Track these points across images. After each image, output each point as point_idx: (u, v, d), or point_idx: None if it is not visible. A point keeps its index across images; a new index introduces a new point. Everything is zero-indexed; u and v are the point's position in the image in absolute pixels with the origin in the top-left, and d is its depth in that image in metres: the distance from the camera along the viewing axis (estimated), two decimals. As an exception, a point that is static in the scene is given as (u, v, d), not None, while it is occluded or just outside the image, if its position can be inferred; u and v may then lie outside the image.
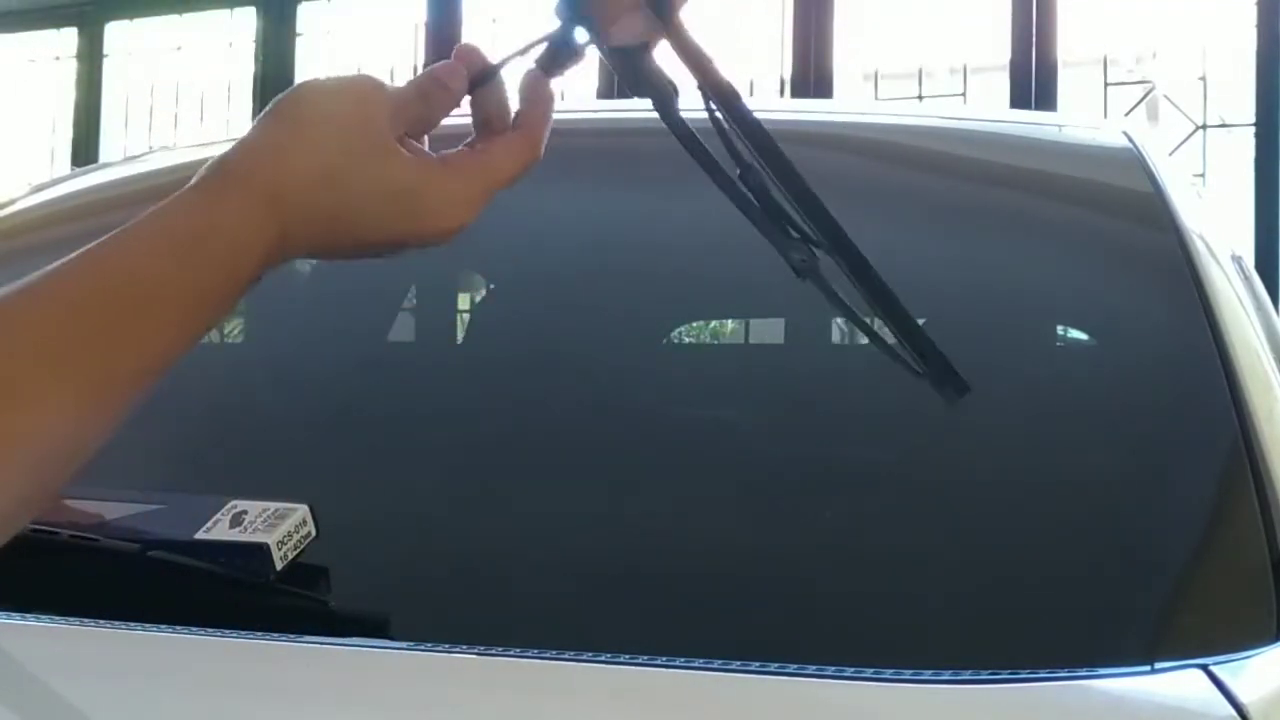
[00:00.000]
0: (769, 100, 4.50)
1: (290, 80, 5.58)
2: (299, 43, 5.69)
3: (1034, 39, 4.53)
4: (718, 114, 0.75)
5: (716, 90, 0.75)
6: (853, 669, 0.84)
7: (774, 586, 1.00)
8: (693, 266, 1.35)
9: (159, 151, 2.30)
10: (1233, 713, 0.78)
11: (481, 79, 0.76)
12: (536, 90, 0.77)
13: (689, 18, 0.76)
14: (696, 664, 0.84)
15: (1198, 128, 4.49)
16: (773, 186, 0.76)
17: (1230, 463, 1.04)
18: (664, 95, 0.76)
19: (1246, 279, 1.42)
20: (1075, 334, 1.48)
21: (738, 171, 0.76)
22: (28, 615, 0.89)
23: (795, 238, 0.76)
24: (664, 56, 0.78)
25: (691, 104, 0.79)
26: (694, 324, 2.21)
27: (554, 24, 0.78)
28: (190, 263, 0.67)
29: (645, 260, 1.38)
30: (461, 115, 0.79)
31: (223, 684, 0.86)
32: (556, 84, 0.79)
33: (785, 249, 0.76)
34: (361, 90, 0.72)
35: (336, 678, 0.87)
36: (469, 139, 0.77)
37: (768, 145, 0.75)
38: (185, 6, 5.90)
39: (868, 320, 0.79)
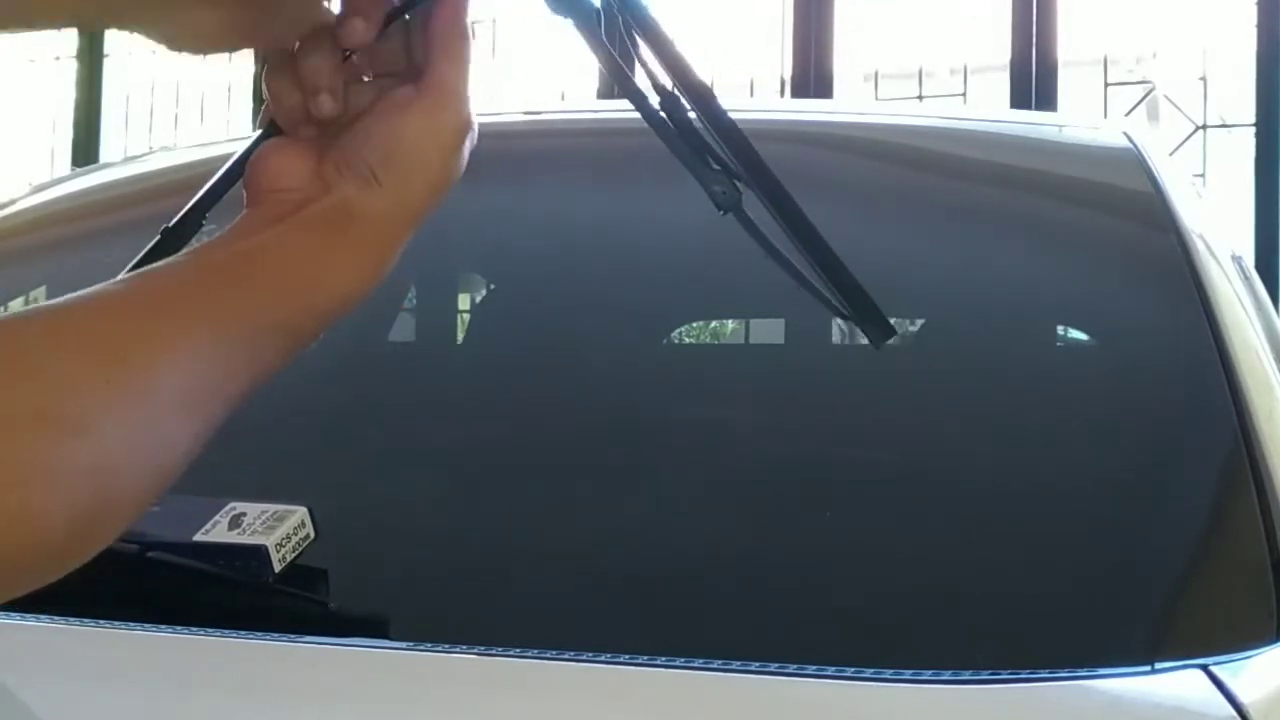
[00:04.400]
0: (769, 101, 4.50)
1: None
2: (299, 43, 5.68)
3: (1034, 39, 4.53)
4: (637, 35, 0.73)
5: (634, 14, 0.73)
6: (853, 669, 0.84)
7: (774, 586, 1.00)
8: (693, 267, 1.35)
9: (159, 151, 2.30)
10: (1233, 713, 0.78)
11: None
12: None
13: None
14: (696, 664, 0.84)
15: (1198, 128, 4.49)
16: (694, 116, 0.74)
17: (1230, 463, 1.04)
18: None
19: (1246, 279, 1.42)
20: (1075, 334, 1.48)
21: (659, 100, 0.74)
22: (27, 615, 0.89)
23: (716, 169, 0.74)
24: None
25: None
26: (694, 324, 2.21)
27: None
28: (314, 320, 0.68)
29: (645, 260, 1.38)
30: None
31: (222, 684, 0.86)
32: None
33: (707, 181, 0.74)
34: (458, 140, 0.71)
35: (336, 678, 0.87)
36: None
37: (688, 73, 0.73)
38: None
39: (794, 260, 0.75)
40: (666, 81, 0.73)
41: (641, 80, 0.74)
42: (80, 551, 0.62)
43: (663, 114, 0.73)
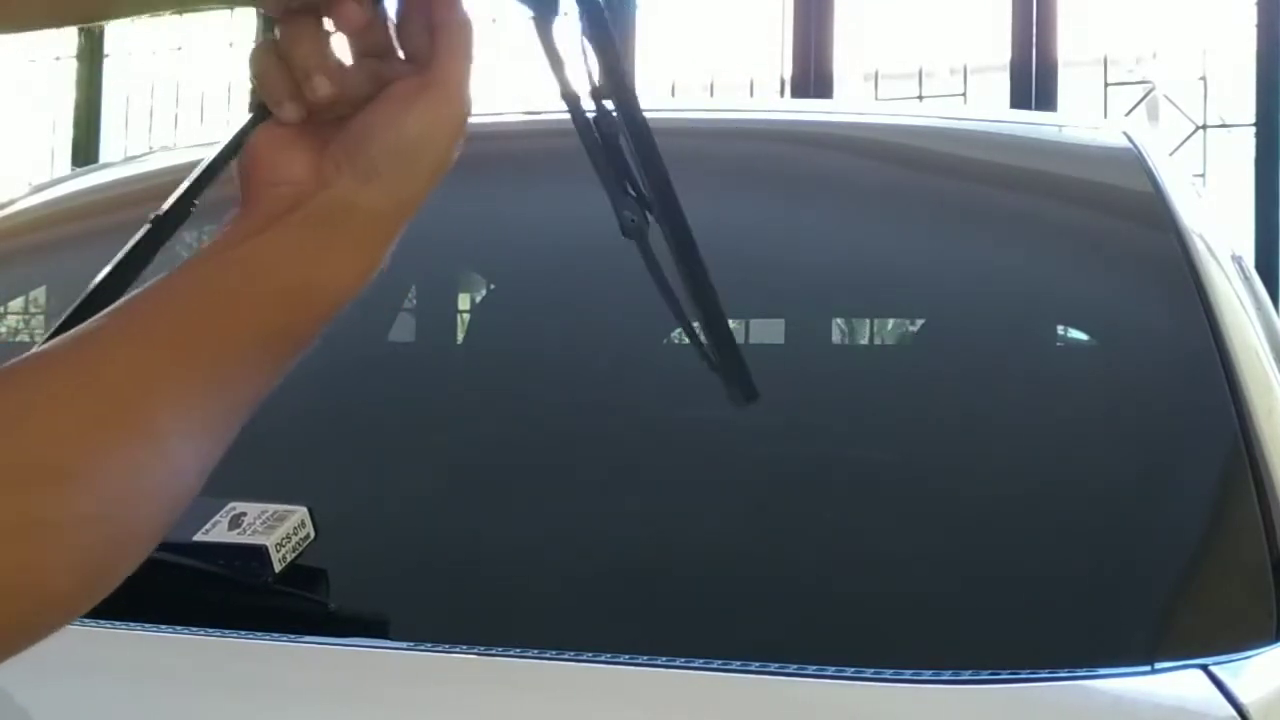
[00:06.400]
0: (771, 101, 4.50)
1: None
2: (299, 43, 5.68)
3: (1034, 39, 4.53)
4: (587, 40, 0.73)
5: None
6: (853, 669, 0.84)
7: (774, 587, 1.00)
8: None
9: (159, 151, 2.30)
10: (1233, 713, 0.78)
11: None
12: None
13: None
14: (696, 664, 0.84)
15: (1198, 128, 4.49)
16: (622, 136, 0.73)
17: (1230, 463, 1.04)
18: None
19: (1246, 279, 1.42)
20: (1075, 334, 1.48)
21: (593, 115, 0.74)
22: (27, 615, 0.88)
23: (630, 195, 0.74)
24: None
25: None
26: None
27: None
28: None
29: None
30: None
31: (222, 684, 0.86)
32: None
33: (619, 205, 0.74)
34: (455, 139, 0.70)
35: (336, 678, 0.87)
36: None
37: (627, 96, 0.72)
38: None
39: (678, 301, 0.75)
40: (606, 100, 0.73)
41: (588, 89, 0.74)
42: (90, 599, 0.59)
43: (595, 128, 0.73)
